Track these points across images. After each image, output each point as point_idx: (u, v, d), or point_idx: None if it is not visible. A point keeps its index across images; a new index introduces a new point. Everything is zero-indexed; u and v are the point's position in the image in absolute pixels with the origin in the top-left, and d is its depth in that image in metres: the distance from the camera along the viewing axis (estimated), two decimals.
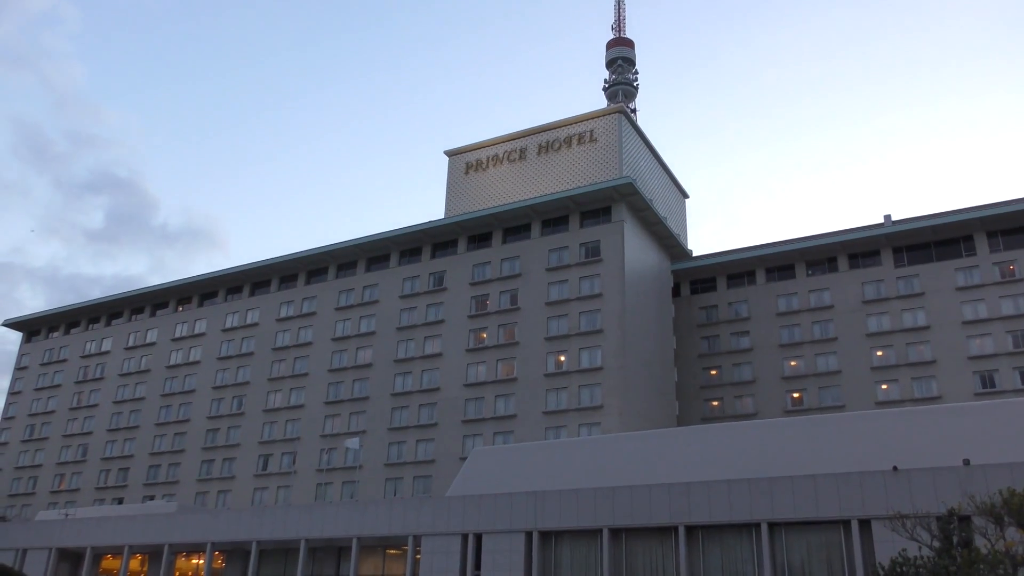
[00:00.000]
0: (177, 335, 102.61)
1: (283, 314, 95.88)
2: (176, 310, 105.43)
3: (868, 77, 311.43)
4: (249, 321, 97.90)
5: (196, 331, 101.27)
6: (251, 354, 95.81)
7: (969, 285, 78.14)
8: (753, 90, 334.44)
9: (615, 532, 44.18)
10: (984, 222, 79.07)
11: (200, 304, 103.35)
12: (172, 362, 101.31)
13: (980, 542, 27.31)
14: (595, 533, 44.60)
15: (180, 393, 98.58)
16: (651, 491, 44.15)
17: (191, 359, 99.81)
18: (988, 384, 74.08)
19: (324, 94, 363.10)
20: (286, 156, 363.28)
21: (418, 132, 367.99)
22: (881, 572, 26.64)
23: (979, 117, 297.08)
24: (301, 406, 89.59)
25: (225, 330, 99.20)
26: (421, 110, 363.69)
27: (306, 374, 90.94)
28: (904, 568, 25.78)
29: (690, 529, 42.63)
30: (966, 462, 38.51)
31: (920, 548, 27.15)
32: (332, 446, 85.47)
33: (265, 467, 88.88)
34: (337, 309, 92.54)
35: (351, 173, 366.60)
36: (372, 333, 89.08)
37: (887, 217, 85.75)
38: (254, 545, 56.12)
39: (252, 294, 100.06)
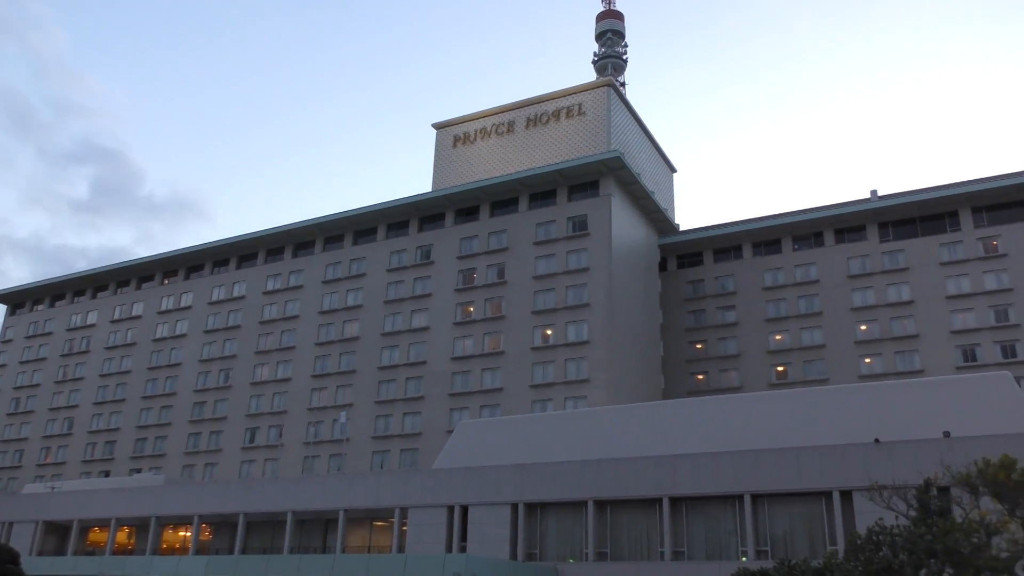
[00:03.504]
0: (163, 308, 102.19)
1: (270, 287, 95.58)
2: (162, 283, 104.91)
3: (857, 51, 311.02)
4: (236, 294, 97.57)
5: (182, 304, 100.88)
6: (238, 327, 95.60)
7: (953, 260, 78.67)
8: (743, 64, 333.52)
9: (600, 504, 44.65)
10: (969, 197, 79.46)
11: (187, 277, 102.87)
12: (158, 335, 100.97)
13: (957, 512, 27.78)
14: (580, 505, 45.08)
15: (166, 366, 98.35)
16: (637, 463, 44.62)
17: (177, 332, 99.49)
18: (970, 358, 74.83)
19: (313, 64, 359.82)
20: (274, 128, 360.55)
21: (407, 105, 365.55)
22: (858, 541, 27.06)
23: (966, 93, 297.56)
24: (288, 379, 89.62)
25: (212, 303, 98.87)
26: (410, 82, 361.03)
27: (293, 347, 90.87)
28: (880, 536, 26.22)
29: (674, 501, 43.15)
30: (946, 434, 39.08)
31: (896, 517, 27.57)
32: (319, 419, 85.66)
33: (252, 440, 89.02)
34: (324, 282, 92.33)
35: (339, 145, 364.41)
36: (359, 306, 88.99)
37: (873, 192, 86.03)
38: (241, 517, 56.39)
39: (239, 267, 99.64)
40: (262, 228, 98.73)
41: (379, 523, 53.60)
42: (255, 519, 57.13)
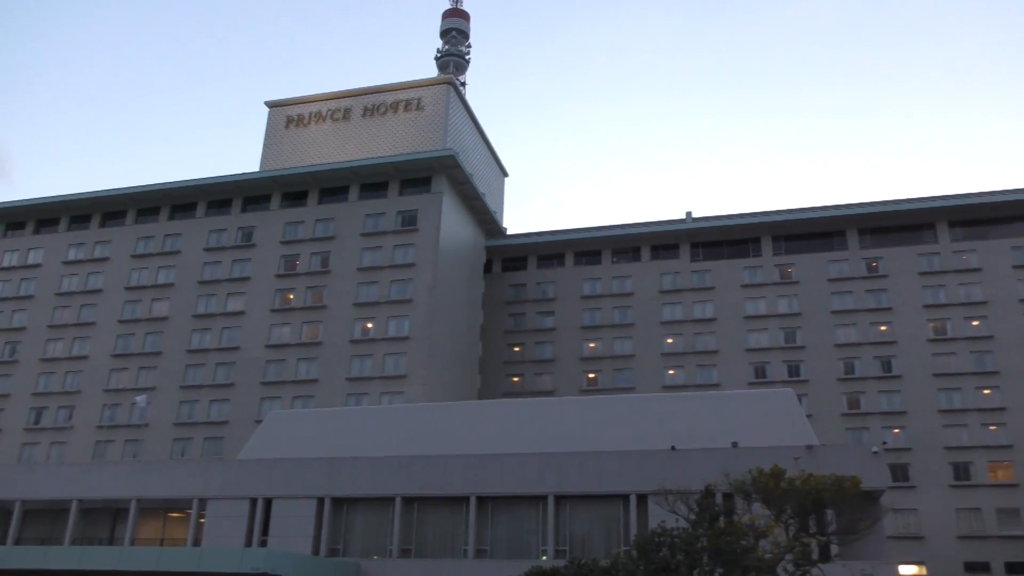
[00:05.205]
0: None
1: (71, 257, 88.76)
2: None
3: (690, 75, 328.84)
4: (30, 261, 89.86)
5: None
6: (30, 297, 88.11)
7: (753, 283, 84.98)
8: (581, 79, 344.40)
9: (408, 501, 44.69)
10: (770, 227, 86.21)
11: None
12: None
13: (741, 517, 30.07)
14: (389, 501, 44.90)
15: None
16: (447, 462, 45.01)
17: None
18: (761, 375, 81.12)
19: (140, 24, 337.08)
20: (92, 88, 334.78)
21: (242, 79, 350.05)
22: (642, 542, 28.70)
23: (779, 126, 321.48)
24: (85, 357, 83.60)
25: (1, 269, 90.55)
26: (248, 56, 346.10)
27: (93, 323, 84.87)
28: (661, 539, 27.92)
29: (481, 500, 43.86)
30: (734, 444, 42.10)
31: (677, 520, 29.47)
32: (117, 402, 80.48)
33: (38, 420, 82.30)
34: (134, 256, 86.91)
35: (162, 115, 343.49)
36: (171, 285, 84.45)
37: (688, 214, 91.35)
38: (18, 505, 51.84)
39: (37, 232, 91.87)
40: (67, 193, 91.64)
41: (175, 514, 51.00)
42: (34, 507, 52.66)
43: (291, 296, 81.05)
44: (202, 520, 47.33)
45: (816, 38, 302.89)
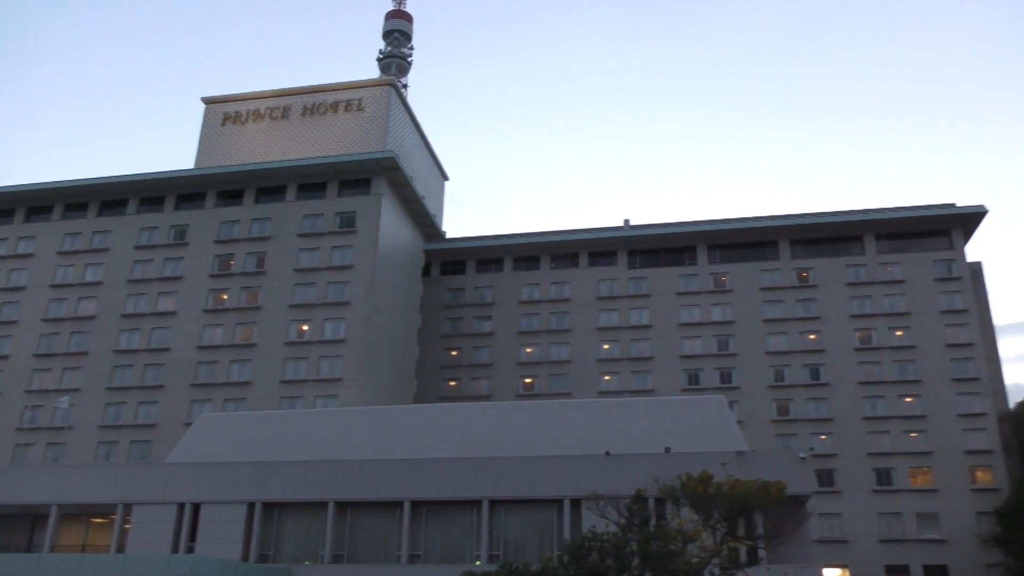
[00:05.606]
0: None
1: None
2: None
3: (631, 85, 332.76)
4: None
5: None
6: None
7: (688, 291, 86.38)
8: (524, 86, 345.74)
9: (341, 505, 44.20)
10: (705, 236, 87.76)
11: None
12: None
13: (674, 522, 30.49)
14: (321, 506, 44.34)
15: None
16: (381, 466, 44.68)
17: None
18: (694, 381, 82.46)
19: (74, 15, 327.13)
20: (19, 80, 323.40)
21: (177, 74, 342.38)
22: (571, 547, 28.92)
23: (715, 139, 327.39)
24: (5, 357, 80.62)
25: None
26: (183, 52, 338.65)
27: (15, 321, 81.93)
28: (591, 543, 28.16)
29: (415, 504, 43.63)
30: (667, 450, 42.70)
31: (608, 525, 29.79)
32: (38, 403, 77.77)
33: None
34: (60, 253, 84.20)
35: (95, 110, 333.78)
36: (99, 283, 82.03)
37: (626, 221, 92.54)
38: None
39: None
40: None
41: (98, 520, 49.48)
42: None
43: (225, 296, 79.51)
44: (127, 526, 46.05)
45: (751, 59, 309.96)
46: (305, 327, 76.69)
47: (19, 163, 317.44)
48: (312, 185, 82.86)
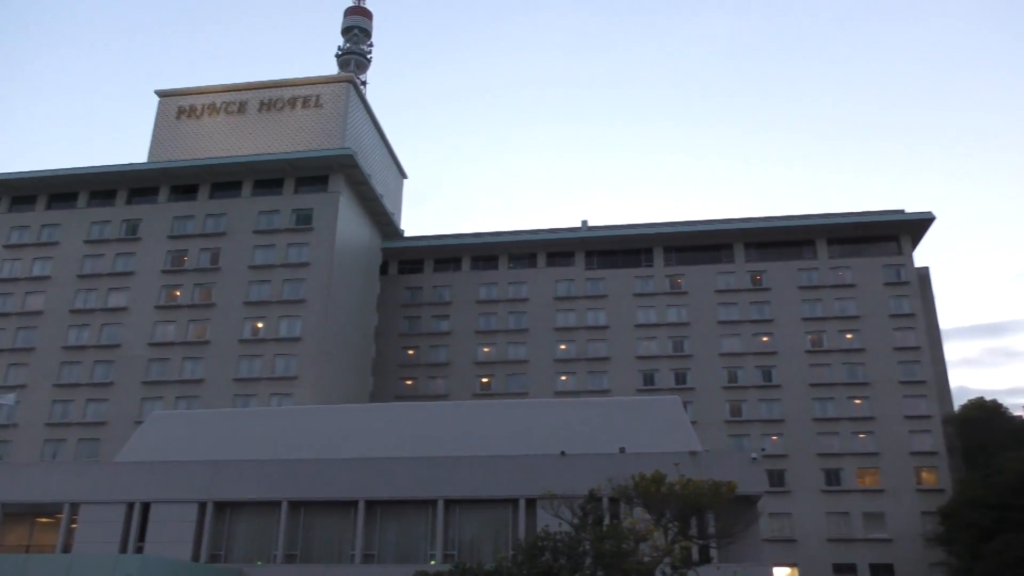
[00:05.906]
0: None
1: None
2: None
3: (592, 84, 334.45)
4: None
5: None
6: None
7: (644, 293, 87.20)
8: (487, 83, 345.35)
9: (295, 505, 43.83)
10: (661, 238, 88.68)
11: None
12: None
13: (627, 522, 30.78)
14: (275, 505, 43.90)
15: None
16: (335, 465, 44.40)
17: None
18: (649, 382, 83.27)
19: (28, 2, 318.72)
20: None
21: (131, 66, 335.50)
22: (525, 547, 29.07)
23: (673, 143, 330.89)
24: None
25: None
26: (137, 43, 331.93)
27: None
28: (545, 543, 28.32)
29: (370, 504, 43.43)
30: (622, 450, 43.08)
31: (561, 524, 30.00)
32: None
33: None
34: (6, 247, 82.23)
35: (45, 100, 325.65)
36: (47, 277, 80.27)
37: (584, 222, 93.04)
38: None
39: None
40: None
41: (44, 520, 48.44)
42: None
43: (178, 293, 78.30)
44: (74, 526, 45.14)
45: (706, 69, 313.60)
46: (260, 324, 75.87)
47: None
48: (268, 181, 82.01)
